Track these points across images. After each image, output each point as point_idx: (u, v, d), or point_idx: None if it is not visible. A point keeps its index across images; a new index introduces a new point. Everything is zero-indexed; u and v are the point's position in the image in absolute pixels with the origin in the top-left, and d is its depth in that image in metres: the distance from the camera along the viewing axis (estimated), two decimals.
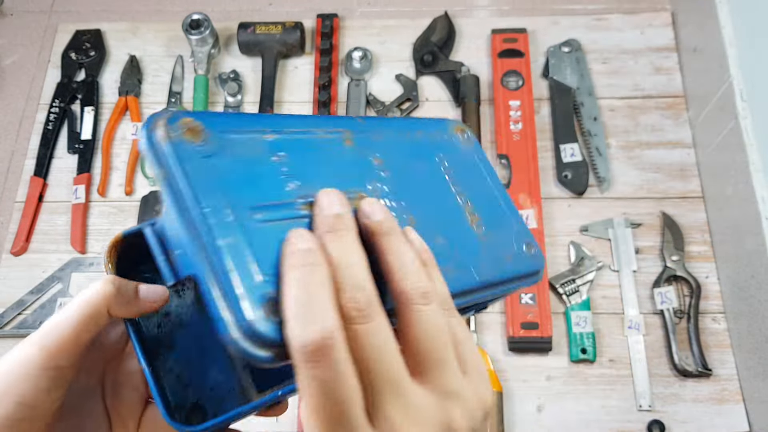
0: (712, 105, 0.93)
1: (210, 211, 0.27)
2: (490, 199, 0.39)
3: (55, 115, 1.03)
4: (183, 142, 0.28)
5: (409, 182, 0.36)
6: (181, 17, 1.06)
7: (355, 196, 0.32)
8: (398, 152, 0.36)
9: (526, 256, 0.38)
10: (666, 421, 0.83)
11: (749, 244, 0.82)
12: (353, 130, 0.35)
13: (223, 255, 0.26)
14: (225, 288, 0.26)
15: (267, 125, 0.32)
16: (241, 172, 0.29)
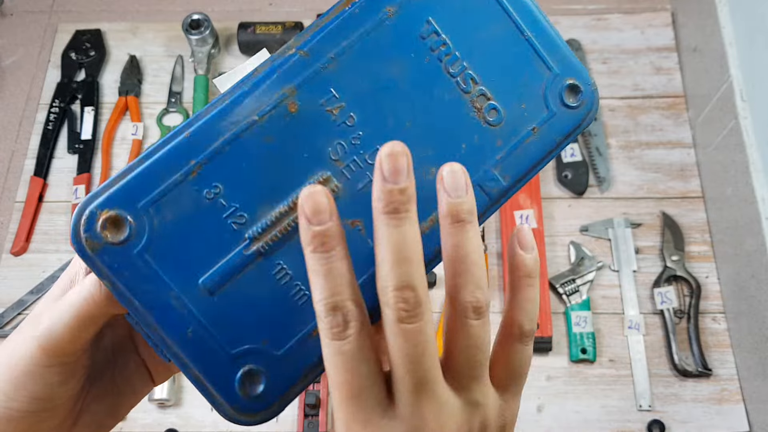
0: (712, 105, 0.93)
1: (158, 312, 0.27)
2: (509, 51, 0.31)
3: (55, 115, 1.03)
4: (108, 247, 0.27)
5: (384, 105, 0.30)
6: (181, 17, 1.06)
7: (318, 180, 0.29)
8: (362, 68, 0.30)
9: (562, 113, 0.31)
10: (666, 421, 0.83)
11: (749, 244, 0.82)
12: (295, 80, 0.29)
13: (186, 360, 0.27)
14: (201, 389, 0.27)
15: (191, 153, 0.28)
16: (179, 243, 0.28)
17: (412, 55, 0.30)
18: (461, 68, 0.30)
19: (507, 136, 0.30)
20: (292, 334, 0.28)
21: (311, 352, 0.28)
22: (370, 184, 0.29)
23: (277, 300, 0.28)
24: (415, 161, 0.28)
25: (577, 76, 0.31)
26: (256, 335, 0.28)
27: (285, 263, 0.29)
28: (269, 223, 0.28)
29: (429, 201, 0.29)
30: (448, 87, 0.30)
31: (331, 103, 0.29)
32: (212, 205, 0.28)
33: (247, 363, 0.28)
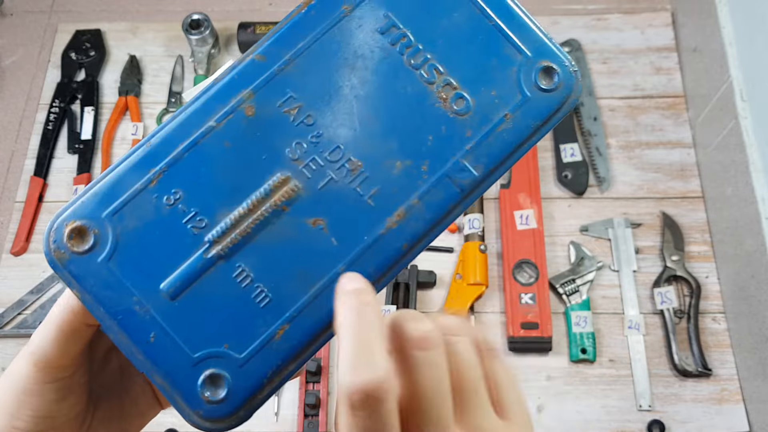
0: (712, 105, 0.93)
1: (122, 320, 0.27)
2: (475, 38, 0.30)
3: (55, 115, 1.03)
4: (74, 257, 0.28)
5: (343, 103, 0.30)
6: (181, 17, 1.06)
7: (276, 181, 0.29)
8: (319, 67, 0.30)
9: (537, 97, 0.30)
10: (666, 421, 0.83)
11: (749, 244, 0.82)
12: (252, 84, 0.30)
13: (151, 366, 0.27)
14: (167, 396, 0.28)
15: (152, 162, 0.29)
16: (141, 250, 0.28)
17: (372, 51, 0.30)
18: (424, 60, 0.30)
19: (477, 124, 0.30)
20: (255, 336, 0.28)
21: (275, 356, 0.28)
22: (331, 182, 0.29)
23: (238, 303, 0.28)
24: (379, 156, 0.29)
25: (551, 58, 0.30)
26: (217, 339, 0.28)
27: (245, 265, 0.29)
28: (228, 225, 0.29)
29: (396, 195, 0.29)
30: (410, 80, 0.30)
31: (289, 104, 0.30)
32: (172, 211, 0.29)
33: (209, 367, 0.28)
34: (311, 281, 0.29)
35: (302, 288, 0.29)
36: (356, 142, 0.29)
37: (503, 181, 0.94)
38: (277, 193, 0.29)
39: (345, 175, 0.29)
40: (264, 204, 0.29)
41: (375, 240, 0.29)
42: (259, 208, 0.29)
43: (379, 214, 0.29)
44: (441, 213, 0.29)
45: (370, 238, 0.29)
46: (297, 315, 0.28)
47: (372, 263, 0.29)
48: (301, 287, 0.29)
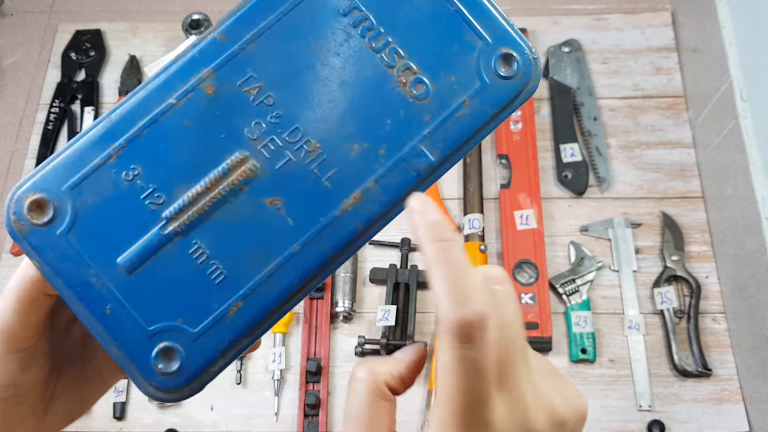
0: (712, 105, 0.93)
1: (79, 291, 0.28)
2: (436, 23, 0.30)
3: (55, 115, 1.03)
4: (34, 229, 0.28)
5: (304, 84, 0.30)
6: (181, 17, 1.06)
7: (235, 160, 0.29)
8: (280, 47, 0.30)
9: (496, 84, 0.30)
10: (666, 421, 0.83)
11: (749, 244, 0.82)
12: (213, 63, 0.30)
13: (107, 337, 0.28)
14: (123, 366, 0.28)
15: (111, 138, 0.29)
16: (99, 224, 0.29)
17: (333, 32, 0.30)
18: (385, 43, 0.30)
19: (435, 109, 0.30)
20: (209, 312, 0.29)
21: (228, 331, 0.29)
22: (289, 163, 0.30)
23: (193, 278, 0.29)
24: (337, 138, 0.29)
25: (512, 45, 0.30)
26: (172, 313, 0.29)
27: (202, 242, 0.29)
28: (186, 202, 0.29)
29: (352, 178, 0.29)
30: (371, 63, 0.30)
31: (249, 84, 0.30)
32: (130, 186, 0.29)
33: (163, 340, 0.28)
34: (266, 260, 0.29)
35: (257, 266, 0.29)
36: (315, 124, 0.30)
37: (503, 181, 0.94)
38: (235, 172, 0.29)
39: (303, 156, 0.29)
40: (222, 183, 0.29)
41: (330, 221, 0.29)
42: (217, 186, 0.29)
43: (336, 196, 0.29)
44: (397, 197, 0.29)
45: (325, 220, 0.29)
46: (251, 293, 0.29)
47: (327, 244, 0.29)
48: (255, 265, 0.29)
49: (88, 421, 0.85)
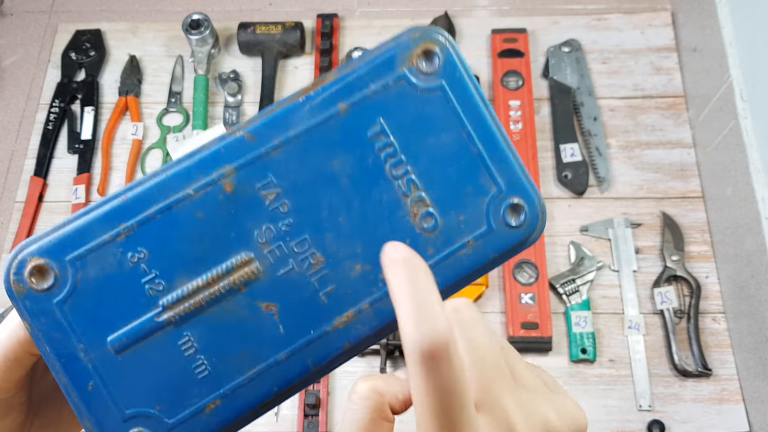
0: (712, 105, 0.93)
1: (65, 363, 0.28)
2: (456, 162, 0.30)
3: (55, 115, 1.03)
4: (32, 293, 0.28)
5: (319, 198, 0.30)
6: (181, 17, 1.06)
7: (240, 260, 0.30)
8: (304, 159, 0.30)
9: (501, 231, 0.30)
10: (666, 421, 0.83)
11: (749, 244, 0.82)
12: (237, 161, 0.30)
13: (84, 412, 0.28)
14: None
15: (121, 218, 0.29)
16: (96, 300, 0.29)
17: (358, 152, 0.30)
18: (404, 172, 0.30)
19: (440, 245, 0.30)
20: (187, 405, 0.29)
21: (201, 427, 0.29)
22: (291, 272, 0.30)
23: (178, 370, 0.29)
24: (342, 256, 0.30)
25: (523, 196, 0.30)
26: (151, 400, 0.29)
27: (192, 335, 0.29)
28: (184, 294, 0.29)
29: (349, 297, 0.30)
30: (388, 188, 0.30)
31: (268, 188, 0.30)
32: (134, 268, 0.29)
33: (137, 425, 0.28)
34: (251, 363, 0.29)
35: (241, 368, 0.29)
36: (324, 239, 0.30)
37: None
38: (237, 272, 0.29)
39: (306, 267, 0.30)
40: (223, 280, 0.29)
41: (320, 335, 0.29)
42: (218, 283, 0.29)
43: (330, 312, 0.30)
44: (387, 322, 0.30)
45: (316, 333, 0.29)
46: (230, 393, 0.29)
47: (313, 357, 0.29)
48: (240, 367, 0.29)
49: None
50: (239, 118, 1.02)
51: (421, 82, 0.30)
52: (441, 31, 0.31)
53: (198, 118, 1.01)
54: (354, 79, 0.30)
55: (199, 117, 1.01)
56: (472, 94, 0.31)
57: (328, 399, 0.85)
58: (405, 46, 0.30)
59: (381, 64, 0.30)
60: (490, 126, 0.31)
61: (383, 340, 0.83)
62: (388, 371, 0.86)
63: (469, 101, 0.31)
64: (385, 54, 0.30)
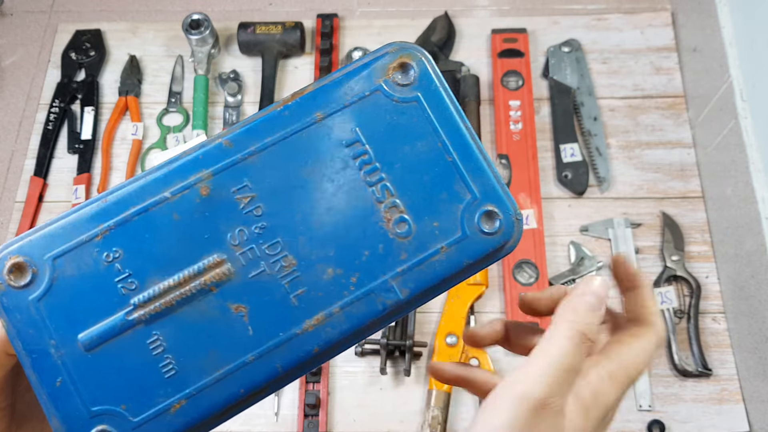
0: (712, 105, 0.93)
1: (36, 358, 0.29)
2: (431, 170, 0.31)
3: (55, 115, 1.03)
4: (9, 290, 0.29)
5: (293, 203, 0.31)
6: (181, 17, 1.06)
7: (212, 261, 0.30)
8: (280, 164, 0.31)
9: (476, 237, 0.31)
10: (666, 421, 0.83)
11: (749, 244, 0.82)
12: (213, 166, 0.31)
13: (51, 407, 0.28)
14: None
15: (100, 219, 0.30)
16: (70, 297, 0.29)
17: (333, 159, 0.31)
18: (379, 178, 0.31)
19: (413, 250, 0.31)
20: (152, 404, 0.29)
21: (165, 428, 0.29)
22: (262, 274, 0.30)
23: (145, 368, 0.29)
24: (314, 259, 0.30)
25: (498, 204, 0.31)
26: (117, 398, 0.29)
27: (161, 334, 0.30)
28: (155, 293, 0.30)
29: (319, 300, 0.30)
30: (362, 194, 0.31)
31: (243, 192, 0.31)
32: (108, 268, 0.30)
33: (102, 423, 0.29)
34: (218, 364, 0.30)
35: (208, 368, 0.30)
36: (296, 242, 0.31)
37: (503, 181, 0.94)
38: (209, 272, 0.30)
39: (277, 270, 0.30)
40: (194, 280, 0.30)
41: (289, 338, 0.30)
42: (189, 283, 0.30)
43: (299, 315, 0.30)
44: (358, 326, 0.30)
45: (284, 336, 0.30)
46: (196, 393, 0.29)
47: (280, 360, 0.30)
48: (207, 367, 0.30)
49: None
50: (239, 118, 1.02)
51: (397, 93, 0.32)
52: (417, 47, 0.32)
53: (198, 118, 1.01)
54: (331, 89, 0.32)
55: (199, 117, 1.01)
56: (447, 106, 0.32)
57: (328, 399, 0.85)
58: (381, 59, 0.32)
59: (358, 76, 0.32)
60: (464, 136, 0.31)
61: (383, 341, 0.83)
62: (388, 371, 0.86)
63: (444, 112, 0.32)
64: (362, 67, 0.32)
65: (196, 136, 1.00)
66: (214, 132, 1.02)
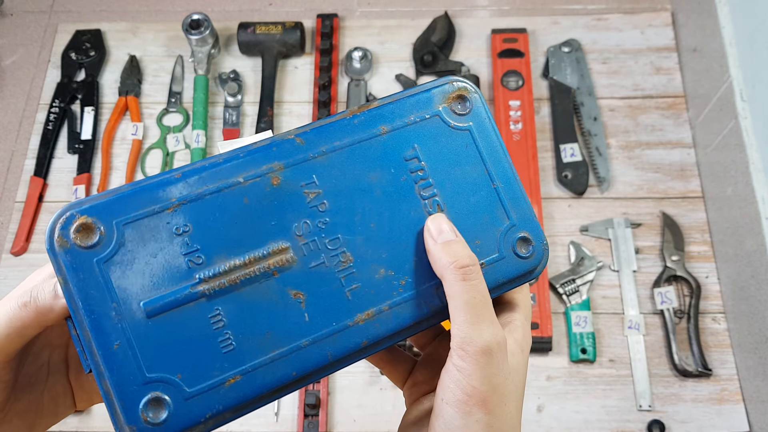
0: (712, 105, 0.93)
1: (94, 319, 0.29)
2: (476, 193, 0.35)
3: (55, 115, 1.03)
4: (74, 248, 0.29)
5: (355, 204, 0.33)
6: (181, 17, 1.06)
7: (276, 248, 0.32)
8: (346, 167, 0.34)
9: (511, 259, 0.35)
10: (666, 421, 0.83)
11: (749, 244, 0.82)
12: (286, 159, 0.33)
13: (104, 370, 0.29)
14: (107, 403, 0.29)
15: (172, 193, 0.31)
16: (136, 264, 0.30)
17: (393, 170, 0.34)
18: (432, 194, 0.34)
19: None
20: (208, 377, 0.30)
21: (218, 401, 0.30)
22: (321, 266, 0.32)
23: (204, 341, 0.30)
24: (369, 259, 0.33)
25: (531, 232, 0.35)
26: (174, 367, 0.30)
27: (223, 311, 0.31)
28: (221, 270, 0.31)
29: (371, 296, 0.32)
30: (415, 205, 0.34)
31: (310, 188, 0.33)
32: (178, 240, 0.31)
33: (157, 390, 0.29)
34: (274, 345, 0.31)
35: (265, 348, 0.31)
36: (354, 240, 0.33)
37: None
38: (273, 257, 0.32)
39: (335, 264, 0.33)
40: (259, 263, 0.31)
41: (341, 328, 0.32)
42: (254, 265, 0.31)
43: (352, 308, 0.32)
44: (403, 325, 0.33)
45: (337, 326, 0.32)
46: (251, 371, 0.30)
47: (332, 348, 0.32)
48: (263, 347, 0.31)
49: (88, 421, 0.85)
50: (239, 118, 1.02)
51: (453, 120, 0.35)
52: (473, 85, 0.36)
53: (198, 118, 1.01)
54: (397, 108, 0.35)
55: (199, 117, 1.01)
56: (494, 139, 0.36)
57: (328, 399, 0.85)
58: (444, 88, 0.36)
59: (421, 100, 0.35)
60: (508, 168, 0.35)
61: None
62: None
63: (492, 144, 0.35)
64: (425, 92, 0.36)
65: (261, 131, 1.00)
66: (214, 131, 1.02)
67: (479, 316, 0.30)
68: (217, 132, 1.02)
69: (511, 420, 0.32)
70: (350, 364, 0.33)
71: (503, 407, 0.31)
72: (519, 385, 0.32)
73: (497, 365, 0.30)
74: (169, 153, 1.01)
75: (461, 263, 0.31)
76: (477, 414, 0.30)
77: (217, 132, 1.02)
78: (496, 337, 0.30)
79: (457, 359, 0.30)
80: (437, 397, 0.31)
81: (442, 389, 0.30)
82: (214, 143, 1.01)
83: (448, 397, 0.30)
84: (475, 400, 0.30)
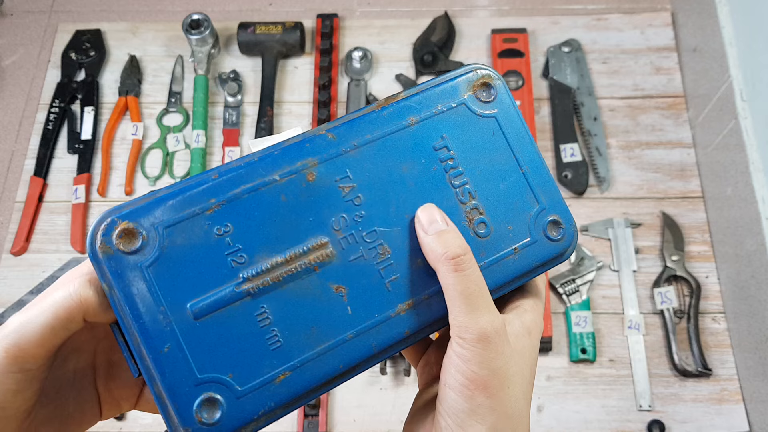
0: (712, 105, 0.93)
1: (143, 324, 0.29)
2: (506, 179, 0.35)
3: (55, 115, 1.03)
4: (118, 254, 0.30)
5: (389, 196, 0.34)
6: (181, 17, 1.06)
7: (316, 243, 0.32)
8: (378, 160, 0.34)
9: (543, 242, 0.35)
10: (666, 421, 0.83)
11: (749, 244, 0.82)
12: (319, 155, 0.33)
13: (155, 374, 0.29)
14: (160, 406, 0.29)
15: (211, 194, 0.31)
16: (180, 266, 0.30)
17: (423, 160, 0.35)
18: (463, 182, 0.35)
19: (490, 249, 0.34)
20: (258, 374, 0.30)
21: (270, 397, 0.30)
22: (361, 258, 0.33)
23: (252, 339, 0.30)
24: (406, 249, 0.33)
25: (561, 215, 0.36)
26: (224, 367, 0.30)
27: (268, 308, 0.31)
28: (264, 268, 0.31)
29: (410, 287, 0.33)
30: (447, 194, 0.34)
31: (345, 182, 0.33)
32: (219, 241, 0.31)
33: (209, 390, 0.29)
34: (321, 339, 0.31)
35: (311, 343, 0.31)
36: (391, 232, 0.33)
37: None
38: (313, 253, 0.32)
39: (374, 256, 0.33)
40: (300, 259, 0.32)
41: (384, 320, 0.32)
42: (295, 261, 0.32)
43: (393, 299, 0.33)
44: (442, 313, 0.33)
45: (380, 317, 0.32)
46: (300, 366, 0.31)
47: (376, 339, 0.32)
48: (310, 342, 0.31)
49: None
50: (239, 118, 1.02)
51: (479, 108, 0.36)
52: (495, 71, 0.37)
53: (198, 118, 1.01)
54: (423, 98, 0.35)
55: (199, 117, 1.01)
56: (519, 125, 0.36)
57: (328, 399, 0.85)
58: (468, 76, 0.36)
59: (447, 89, 0.36)
60: (534, 153, 0.36)
61: None
62: (388, 372, 0.86)
63: (518, 130, 0.36)
64: (451, 81, 0.36)
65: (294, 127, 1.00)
66: (214, 131, 1.02)
67: (474, 305, 0.31)
68: (217, 132, 1.02)
69: (516, 402, 0.32)
70: (393, 354, 0.33)
71: (506, 390, 0.31)
72: (524, 368, 0.33)
73: (496, 350, 0.31)
74: (169, 153, 1.01)
75: (453, 253, 0.31)
76: (479, 398, 0.30)
77: (217, 132, 1.02)
78: (493, 324, 0.31)
79: (457, 346, 0.31)
80: (441, 382, 0.31)
81: (445, 374, 0.31)
82: (214, 143, 1.01)
83: (451, 382, 0.31)
84: (475, 385, 0.30)
